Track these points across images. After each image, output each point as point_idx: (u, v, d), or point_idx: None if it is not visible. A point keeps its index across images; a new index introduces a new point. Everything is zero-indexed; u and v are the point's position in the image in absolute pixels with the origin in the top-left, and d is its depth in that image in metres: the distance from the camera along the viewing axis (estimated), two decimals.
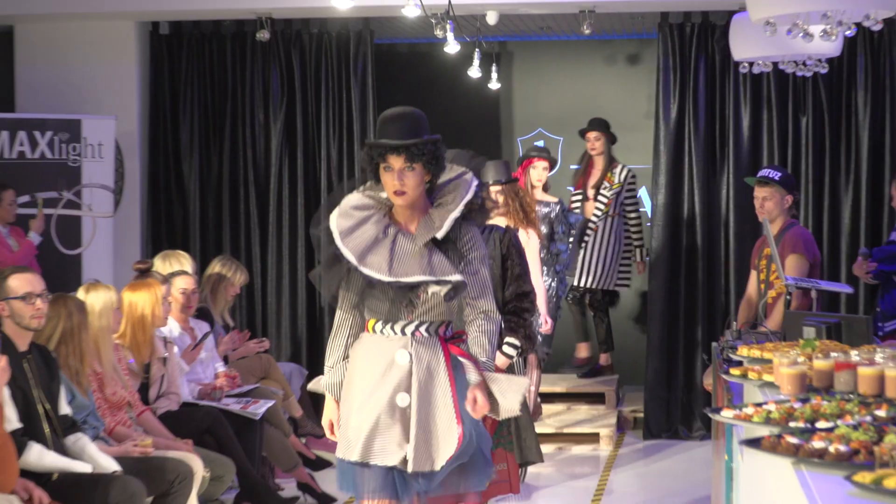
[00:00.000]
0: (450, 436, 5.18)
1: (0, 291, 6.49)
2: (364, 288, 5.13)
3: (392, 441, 5.15)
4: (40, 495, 6.11)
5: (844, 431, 3.95)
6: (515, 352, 6.79)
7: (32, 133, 11.35)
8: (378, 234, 5.12)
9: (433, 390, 5.24)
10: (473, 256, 5.28)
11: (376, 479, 5.17)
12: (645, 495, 9.91)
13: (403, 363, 5.15)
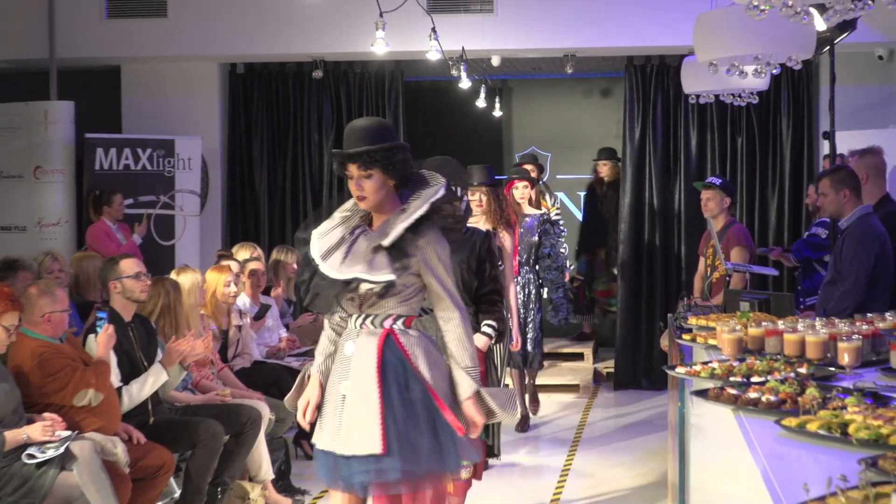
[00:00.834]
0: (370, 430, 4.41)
1: (113, 272, 6.49)
2: (318, 283, 4.60)
3: (332, 427, 4.54)
4: (138, 436, 6.10)
5: (773, 385, 3.93)
6: (493, 332, 6.05)
7: (135, 150, 11.34)
8: (345, 234, 4.60)
9: (365, 381, 4.49)
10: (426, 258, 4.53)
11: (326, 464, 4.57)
12: (615, 431, 9.86)
13: (349, 353, 4.54)
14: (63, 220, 11.31)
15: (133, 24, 11.51)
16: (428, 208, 4.54)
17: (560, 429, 9.94)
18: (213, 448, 6.45)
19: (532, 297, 9.39)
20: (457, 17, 11.03)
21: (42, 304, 5.88)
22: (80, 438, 5.49)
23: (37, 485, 5.37)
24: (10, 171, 11.33)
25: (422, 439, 4.43)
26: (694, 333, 5.60)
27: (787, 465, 3.10)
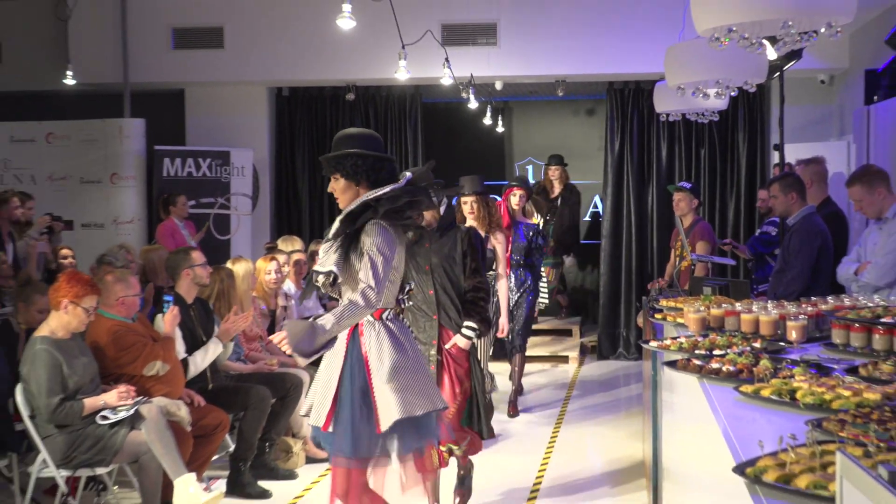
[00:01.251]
0: (323, 408, 4.25)
1: (186, 261, 6.55)
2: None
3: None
4: (199, 399, 6.11)
5: (732, 357, 3.93)
6: (474, 333, 5.57)
7: (197, 159, 11.36)
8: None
9: (333, 367, 4.30)
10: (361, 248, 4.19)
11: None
12: (599, 393, 9.84)
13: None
14: (135, 218, 11.35)
15: (195, 53, 11.52)
16: (357, 205, 4.25)
17: (553, 391, 9.93)
18: (262, 409, 6.46)
19: (521, 295, 8.73)
20: (466, 49, 11.03)
21: (117, 290, 5.89)
22: (148, 402, 5.49)
23: (109, 443, 5.36)
24: (91, 177, 11.37)
25: (364, 427, 4.19)
26: (665, 313, 5.58)
27: (744, 425, 3.08)
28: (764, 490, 2.43)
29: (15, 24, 12.01)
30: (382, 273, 4.13)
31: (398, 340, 4.30)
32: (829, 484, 2.32)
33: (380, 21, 10.15)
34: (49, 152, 11.44)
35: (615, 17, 10.86)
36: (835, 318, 4.33)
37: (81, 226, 11.14)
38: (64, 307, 5.44)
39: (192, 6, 11.46)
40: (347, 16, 8.03)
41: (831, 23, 4.44)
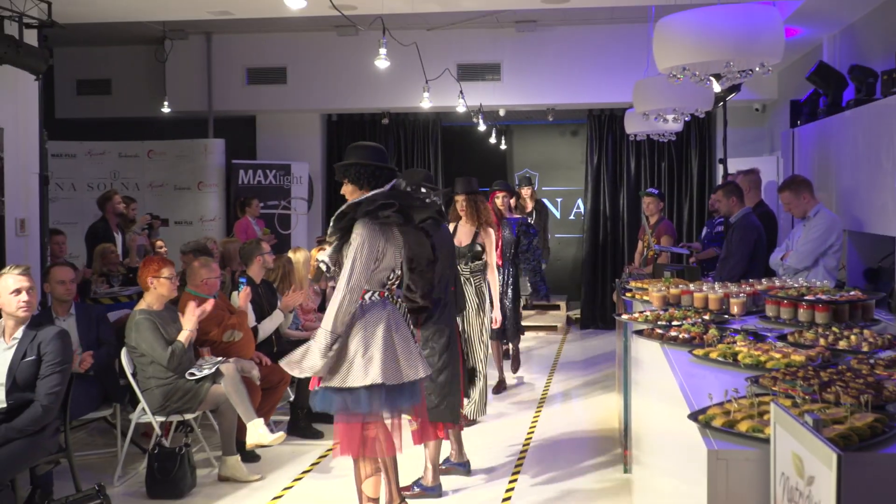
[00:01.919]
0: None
1: (257, 250, 6.51)
2: None
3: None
4: (266, 360, 6.07)
5: (687, 327, 3.88)
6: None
7: (265, 171, 11.33)
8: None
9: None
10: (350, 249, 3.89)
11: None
12: (582, 357, 9.78)
13: None
14: (217, 217, 11.34)
15: (264, 87, 11.49)
16: (345, 207, 3.96)
17: (545, 356, 9.88)
18: None
19: (511, 285, 7.70)
20: (476, 84, 10.97)
21: (202, 273, 5.87)
22: (226, 362, 5.47)
23: (195, 394, 5.35)
24: (182, 184, 11.36)
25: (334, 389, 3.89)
26: (633, 292, 5.53)
27: (696, 381, 3.04)
28: (713, 433, 2.39)
29: (123, 64, 12.01)
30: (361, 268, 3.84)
31: (375, 318, 3.91)
32: (765, 428, 2.28)
33: (408, 62, 10.12)
34: (149, 165, 11.44)
35: (594, 58, 10.79)
36: (768, 295, 4.28)
37: (174, 223, 11.14)
38: (151, 283, 5.43)
39: (262, 51, 11.44)
40: (383, 57, 8.00)
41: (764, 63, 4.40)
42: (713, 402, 2.60)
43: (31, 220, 6.45)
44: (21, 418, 4.21)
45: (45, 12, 6.25)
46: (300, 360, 3.85)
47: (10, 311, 4.33)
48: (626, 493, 5.09)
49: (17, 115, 6.38)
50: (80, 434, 6.41)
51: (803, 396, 2.49)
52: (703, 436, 2.39)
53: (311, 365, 3.82)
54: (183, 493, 5.12)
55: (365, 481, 4.13)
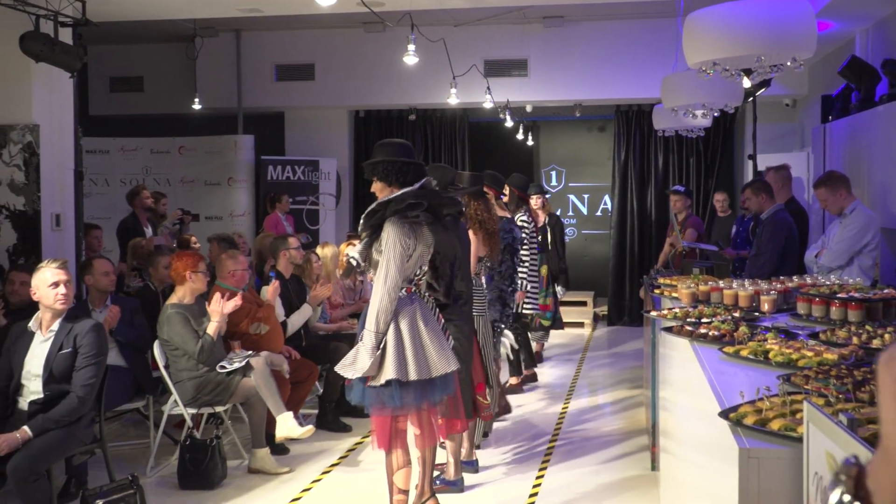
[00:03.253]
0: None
1: (284, 245, 6.55)
2: None
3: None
4: (295, 354, 6.10)
5: (717, 324, 3.84)
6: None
7: (294, 167, 11.38)
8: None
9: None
10: (383, 248, 3.92)
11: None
12: (609, 353, 9.75)
13: None
14: (246, 212, 11.41)
15: (292, 84, 11.55)
16: (375, 205, 3.95)
17: (573, 349, 9.86)
18: None
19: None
20: (503, 79, 10.95)
21: (229, 265, 5.90)
22: (256, 355, 5.50)
23: (226, 387, 5.38)
24: (212, 180, 11.44)
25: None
26: (662, 289, 5.49)
27: (726, 378, 3.01)
28: (744, 431, 2.36)
29: (154, 62, 12.12)
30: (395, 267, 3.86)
31: (403, 313, 3.94)
32: (797, 427, 2.26)
33: (435, 58, 10.12)
34: (180, 161, 11.54)
35: (621, 54, 10.72)
36: (800, 293, 4.23)
37: (205, 218, 11.21)
38: (189, 277, 5.47)
39: (291, 47, 11.48)
40: (411, 54, 8.00)
41: (795, 57, 4.34)
42: (744, 401, 2.57)
43: (67, 215, 6.53)
44: (57, 409, 4.27)
45: (79, 11, 6.31)
46: (352, 362, 3.92)
47: (48, 304, 4.39)
48: (653, 490, 5.06)
49: (53, 112, 6.46)
50: (114, 425, 6.49)
51: (837, 395, 2.46)
52: (735, 434, 2.36)
53: (362, 366, 3.87)
54: (214, 485, 5.16)
55: (396, 473, 4.15)
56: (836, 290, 4.19)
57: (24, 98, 6.31)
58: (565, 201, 12.95)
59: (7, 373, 4.36)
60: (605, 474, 5.40)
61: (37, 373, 4.35)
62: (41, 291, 4.37)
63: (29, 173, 6.26)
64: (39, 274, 4.39)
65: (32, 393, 4.35)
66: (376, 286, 3.90)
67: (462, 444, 5.22)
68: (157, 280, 6.38)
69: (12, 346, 4.37)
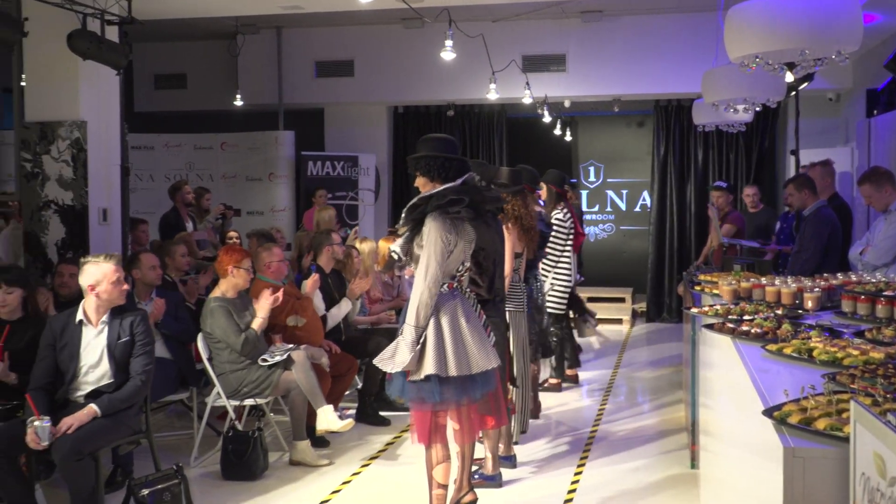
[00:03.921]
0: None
1: (327, 240, 6.57)
2: None
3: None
4: (335, 348, 6.13)
5: (759, 322, 3.77)
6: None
7: (333, 162, 11.44)
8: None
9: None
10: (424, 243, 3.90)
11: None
12: (647, 348, 9.69)
13: None
14: (286, 207, 11.50)
15: (332, 80, 11.61)
16: (416, 199, 3.92)
17: (612, 346, 9.80)
18: None
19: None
20: (542, 75, 10.90)
21: (264, 257, 5.96)
22: (297, 349, 5.54)
23: (267, 381, 5.43)
24: (254, 175, 11.55)
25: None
26: (702, 285, 5.42)
27: (770, 377, 2.96)
28: (789, 430, 2.32)
29: (197, 59, 12.26)
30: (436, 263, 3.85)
31: (444, 309, 3.92)
32: (843, 427, 2.21)
33: (474, 53, 10.11)
34: (223, 157, 11.66)
35: (660, 48, 10.63)
36: (845, 290, 4.15)
37: (246, 213, 11.33)
38: (231, 272, 5.53)
39: (330, 44, 11.54)
40: (450, 49, 8.00)
41: (840, 51, 4.25)
42: (788, 399, 2.53)
43: (113, 209, 6.63)
44: (123, 390, 4.39)
45: (125, 9, 6.40)
46: (391, 356, 3.91)
47: (109, 297, 4.45)
48: (693, 488, 5.01)
49: (100, 108, 6.56)
50: (159, 416, 6.58)
51: (884, 395, 2.41)
52: (779, 433, 2.33)
53: (401, 360, 3.87)
54: (256, 476, 5.22)
55: (435, 468, 4.15)
56: (881, 288, 4.10)
57: (72, 95, 6.41)
58: (603, 197, 12.87)
59: (53, 369, 4.40)
60: (644, 472, 5.36)
61: (94, 363, 4.42)
62: (104, 285, 4.43)
63: (77, 169, 6.37)
64: (99, 269, 4.44)
65: (89, 384, 4.42)
66: (417, 281, 3.90)
67: (500, 439, 5.21)
68: (173, 269, 6.43)
69: (58, 341, 4.42)
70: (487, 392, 4.10)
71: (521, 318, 5.50)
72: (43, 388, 4.33)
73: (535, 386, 6.65)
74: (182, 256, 6.44)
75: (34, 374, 4.36)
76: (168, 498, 4.34)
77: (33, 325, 4.63)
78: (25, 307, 4.80)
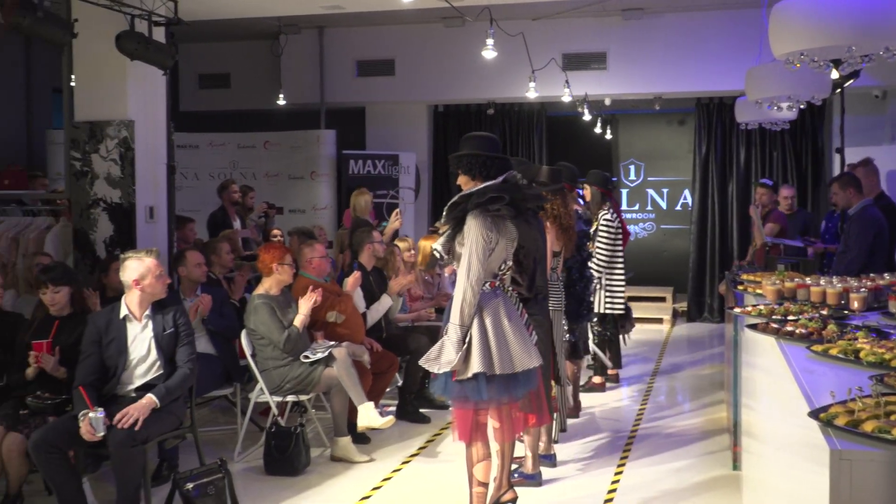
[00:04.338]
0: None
1: (368, 238, 6.62)
2: None
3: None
4: (376, 346, 6.14)
5: (804, 322, 3.72)
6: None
7: (374, 161, 11.48)
8: None
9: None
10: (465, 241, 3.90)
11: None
12: (688, 348, 9.59)
13: None
14: (328, 206, 11.57)
15: (373, 80, 11.66)
16: (457, 197, 3.91)
17: (652, 344, 9.72)
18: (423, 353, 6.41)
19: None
20: (582, 73, 10.85)
21: (306, 253, 6.02)
22: (338, 346, 5.57)
23: (309, 378, 5.46)
24: (296, 174, 11.65)
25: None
26: (745, 285, 5.35)
27: (815, 378, 2.92)
28: (835, 432, 2.29)
29: (240, 59, 12.38)
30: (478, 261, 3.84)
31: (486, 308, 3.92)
32: (892, 429, 2.18)
33: (514, 52, 10.07)
34: (266, 156, 11.77)
35: (702, 45, 10.51)
36: (892, 291, 4.08)
37: (289, 211, 11.42)
38: (276, 269, 5.58)
39: (371, 44, 11.59)
40: (491, 48, 7.98)
41: (888, 47, 4.16)
42: (835, 401, 2.49)
43: (160, 207, 6.72)
44: (174, 379, 4.48)
45: (171, 10, 6.48)
46: (437, 356, 3.91)
47: (153, 291, 4.54)
48: (735, 490, 4.95)
49: (147, 108, 6.65)
50: (203, 411, 6.66)
51: None
52: (825, 435, 2.29)
53: (448, 360, 3.87)
54: (298, 471, 5.26)
55: (476, 465, 4.14)
56: None
57: (120, 95, 6.51)
58: (644, 196, 12.75)
59: (99, 365, 4.46)
60: (685, 473, 5.31)
61: (143, 357, 4.50)
62: (148, 279, 4.51)
63: (124, 167, 6.47)
64: (144, 263, 4.51)
65: (139, 377, 4.50)
66: (459, 279, 3.90)
67: (540, 438, 5.19)
68: (218, 267, 6.48)
69: (104, 337, 4.48)
70: (529, 391, 4.08)
71: (558, 317, 5.48)
72: (90, 385, 4.39)
73: (577, 385, 6.63)
74: (227, 254, 6.52)
75: (80, 371, 4.43)
76: (212, 492, 4.39)
77: (82, 321, 4.70)
78: (73, 303, 4.88)
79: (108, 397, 4.45)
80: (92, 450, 4.34)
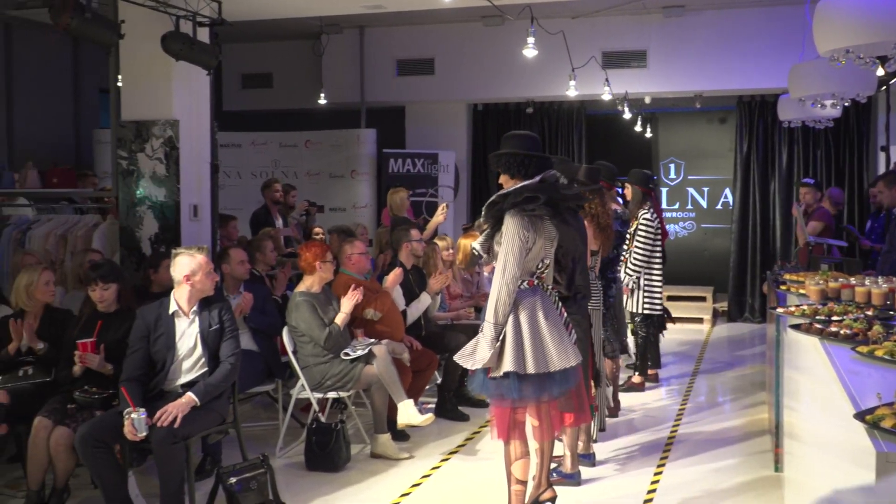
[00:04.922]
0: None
1: (406, 237, 6.63)
2: None
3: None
4: (416, 344, 6.16)
5: (849, 322, 3.66)
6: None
7: (414, 160, 11.50)
8: None
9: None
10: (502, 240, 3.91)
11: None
12: (728, 347, 9.48)
13: None
14: (368, 204, 11.62)
15: (413, 79, 11.69)
16: (495, 196, 3.92)
17: (692, 344, 9.62)
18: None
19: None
20: (622, 71, 10.77)
21: (346, 249, 6.05)
22: (379, 344, 5.58)
23: (350, 374, 5.49)
24: (336, 173, 11.72)
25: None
26: (788, 285, 5.27)
27: (860, 379, 2.87)
28: (882, 434, 2.25)
29: (282, 59, 12.49)
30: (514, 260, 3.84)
31: (524, 306, 3.90)
32: None
33: (554, 50, 10.03)
34: (307, 154, 11.86)
35: (744, 42, 10.37)
36: None
37: (329, 209, 11.48)
38: (318, 266, 5.62)
39: (411, 43, 11.62)
40: (531, 46, 7.96)
41: None
42: (881, 402, 2.44)
43: (203, 205, 6.80)
44: (216, 374, 4.53)
45: (215, 11, 6.56)
46: (471, 353, 3.92)
47: (202, 288, 4.60)
48: (777, 491, 4.88)
49: (191, 108, 6.73)
50: (246, 407, 6.74)
51: None
52: (871, 437, 2.25)
53: (481, 357, 3.88)
54: (338, 467, 5.29)
55: (514, 464, 4.13)
56: None
57: (165, 95, 6.60)
58: (684, 194, 12.62)
59: (146, 360, 4.52)
60: (725, 473, 5.25)
61: (189, 352, 4.56)
62: (199, 276, 4.57)
63: (169, 166, 6.56)
64: (195, 259, 4.57)
65: (185, 372, 4.56)
66: (495, 278, 3.90)
67: (579, 437, 5.16)
68: (262, 264, 6.53)
69: (152, 332, 4.54)
70: (567, 389, 4.06)
71: (597, 316, 5.44)
72: (137, 380, 4.45)
73: (616, 384, 6.58)
74: (271, 251, 6.58)
75: (127, 366, 4.49)
76: (254, 487, 4.43)
77: (128, 318, 4.76)
78: (119, 300, 4.95)
79: (156, 392, 4.51)
80: (137, 444, 4.41)
